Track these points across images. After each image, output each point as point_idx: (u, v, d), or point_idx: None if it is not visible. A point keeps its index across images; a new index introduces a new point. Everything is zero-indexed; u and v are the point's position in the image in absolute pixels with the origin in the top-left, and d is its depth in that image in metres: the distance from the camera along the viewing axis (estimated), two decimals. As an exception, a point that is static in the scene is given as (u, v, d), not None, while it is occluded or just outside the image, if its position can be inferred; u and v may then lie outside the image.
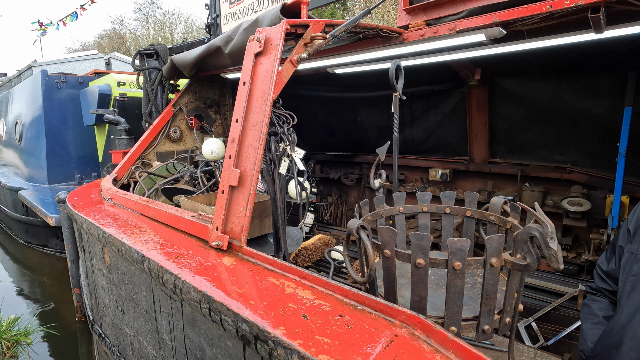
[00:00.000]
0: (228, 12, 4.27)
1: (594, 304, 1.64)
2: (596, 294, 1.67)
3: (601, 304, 1.62)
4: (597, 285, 1.65)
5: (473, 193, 1.86)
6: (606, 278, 1.61)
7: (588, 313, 1.64)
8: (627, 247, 1.49)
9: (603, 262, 1.64)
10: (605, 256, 1.64)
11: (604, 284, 1.62)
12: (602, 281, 1.63)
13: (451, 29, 2.16)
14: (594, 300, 1.66)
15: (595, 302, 1.64)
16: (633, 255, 1.44)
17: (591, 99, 3.21)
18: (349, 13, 16.86)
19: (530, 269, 1.19)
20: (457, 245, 1.22)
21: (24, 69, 9.26)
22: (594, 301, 1.66)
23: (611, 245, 1.62)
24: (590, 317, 1.61)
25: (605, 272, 1.61)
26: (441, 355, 0.97)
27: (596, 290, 1.67)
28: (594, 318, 1.60)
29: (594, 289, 1.69)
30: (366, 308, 1.17)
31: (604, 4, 1.73)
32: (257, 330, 1.11)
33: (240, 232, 1.67)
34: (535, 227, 1.15)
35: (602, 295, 1.64)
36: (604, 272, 1.61)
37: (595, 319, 1.59)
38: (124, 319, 2.24)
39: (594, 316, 1.60)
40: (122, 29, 27.95)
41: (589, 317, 1.62)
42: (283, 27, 1.79)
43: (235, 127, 1.81)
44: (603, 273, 1.62)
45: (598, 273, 1.66)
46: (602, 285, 1.62)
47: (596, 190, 3.44)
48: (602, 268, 1.63)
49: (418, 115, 4.45)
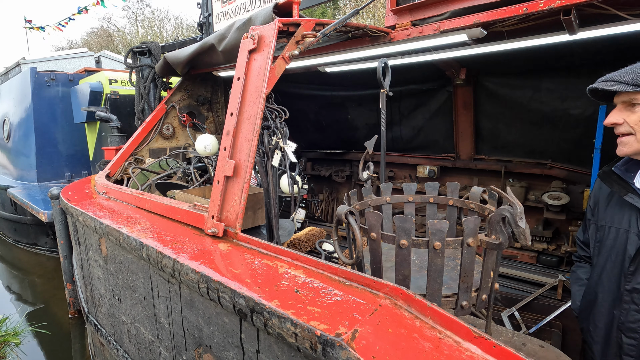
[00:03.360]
0: (220, 11, 4.34)
1: (578, 269, 1.93)
2: (579, 261, 1.95)
3: (584, 268, 1.90)
4: (579, 253, 1.94)
5: (455, 183, 1.98)
6: (583, 246, 1.89)
7: (575, 278, 1.93)
8: (591, 219, 1.77)
9: (580, 233, 1.93)
10: (582, 228, 1.94)
11: (583, 251, 1.90)
12: (581, 249, 1.92)
13: (435, 29, 2.28)
14: (579, 266, 1.95)
15: (580, 267, 1.93)
16: (595, 226, 1.74)
17: (569, 98, 3.37)
18: (340, 12, 17.02)
19: (502, 247, 1.30)
20: (437, 227, 1.33)
21: (12, 67, 9.17)
22: (578, 267, 1.94)
23: (585, 219, 1.91)
24: (577, 280, 1.91)
25: (582, 242, 1.91)
26: (420, 321, 1.07)
27: (579, 258, 1.95)
28: (579, 281, 1.89)
29: (577, 257, 1.97)
30: (353, 283, 1.27)
31: (574, 7, 1.86)
32: (253, 303, 1.21)
33: (235, 219, 1.76)
34: (506, 208, 1.26)
35: (584, 261, 1.92)
36: (581, 242, 1.91)
37: (581, 282, 1.88)
38: (121, 307, 2.30)
39: (579, 280, 1.90)
40: (110, 26, 27.67)
41: (576, 281, 1.92)
42: (276, 25, 1.88)
43: (230, 120, 1.90)
44: (581, 242, 1.91)
45: (578, 243, 1.95)
46: (582, 252, 1.91)
47: (575, 185, 3.60)
48: (579, 239, 1.93)
49: (406, 113, 4.58)
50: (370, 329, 1.04)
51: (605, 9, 1.88)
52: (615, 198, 1.66)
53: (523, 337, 2.09)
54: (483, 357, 0.95)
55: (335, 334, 1.00)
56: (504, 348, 0.94)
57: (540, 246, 3.70)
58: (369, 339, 1.00)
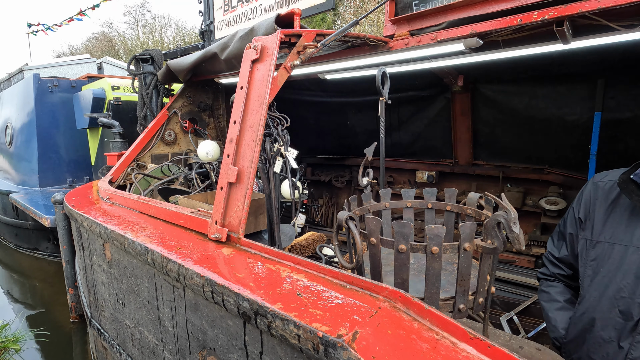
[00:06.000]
0: (222, 19, 4.42)
1: (551, 289, 1.71)
2: (550, 279, 1.74)
3: (557, 288, 1.69)
4: (551, 271, 1.72)
5: (452, 189, 2.03)
6: (559, 264, 1.69)
7: (549, 300, 1.70)
8: (580, 234, 1.56)
9: (553, 249, 1.72)
10: (553, 243, 1.73)
11: (558, 269, 1.70)
12: (555, 267, 1.71)
13: (433, 39, 2.35)
14: (550, 285, 1.73)
15: (552, 287, 1.71)
16: (588, 242, 1.51)
17: (564, 105, 3.44)
18: (340, 18, 17.16)
19: (497, 252, 1.35)
20: (434, 232, 1.37)
21: (15, 73, 9.25)
22: (550, 286, 1.72)
23: (559, 233, 1.71)
24: (553, 303, 1.67)
25: (557, 259, 1.69)
26: (418, 323, 1.12)
27: (550, 276, 1.74)
28: (555, 304, 1.66)
29: (548, 275, 1.75)
30: (354, 287, 1.32)
31: (567, 18, 1.92)
32: (257, 306, 1.25)
33: (238, 225, 1.80)
34: (501, 214, 1.31)
35: (557, 280, 1.71)
36: (556, 259, 1.69)
37: (558, 304, 1.65)
38: (125, 311, 2.34)
39: (555, 302, 1.67)
40: (111, 32, 27.87)
41: (551, 304, 1.68)
42: (278, 36, 1.94)
43: (233, 128, 1.95)
44: (555, 259, 1.70)
45: (550, 260, 1.73)
46: (556, 270, 1.70)
47: (571, 190, 3.66)
48: (554, 255, 1.71)
49: (405, 119, 4.65)
50: (370, 331, 1.08)
51: (597, 20, 1.94)
52: (619, 210, 1.44)
53: (520, 340, 2.13)
54: (478, 357, 0.99)
55: (337, 335, 1.05)
56: (498, 348, 0.98)
57: (538, 251, 3.74)
58: (369, 340, 1.04)
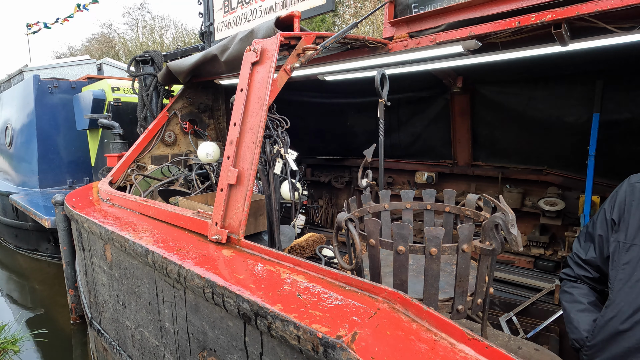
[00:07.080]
0: (222, 21, 4.43)
1: (574, 290, 1.66)
2: (575, 281, 1.69)
3: (582, 289, 1.64)
4: (576, 272, 1.68)
5: (451, 191, 2.04)
6: (585, 266, 1.64)
7: (572, 300, 1.65)
8: (612, 236, 1.50)
9: (579, 250, 1.68)
10: (579, 244, 1.69)
11: (583, 271, 1.65)
12: (580, 269, 1.66)
13: (432, 41, 2.36)
14: (574, 287, 1.68)
15: (576, 288, 1.66)
16: (621, 244, 1.45)
17: (563, 106, 3.45)
18: (340, 18, 17.18)
19: (495, 253, 1.36)
20: (433, 233, 1.39)
21: (15, 74, 9.27)
22: (574, 287, 1.67)
23: (587, 234, 1.66)
24: (576, 304, 1.62)
25: (584, 260, 1.64)
26: (417, 324, 1.13)
27: (575, 277, 1.69)
28: (579, 305, 1.61)
29: (572, 276, 1.70)
30: (353, 288, 1.33)
31: (565, 20, 1.94)
32: (257, 307, 1.26)
33: (238, 226, 1.81)
34: (499, 216, 1.32)
35: (581, 281, 1.66)
36: (583, 260, 1.64)
37: (581, 306, 1.60)
38: (125, 312, 2.35)
39: (578, 303, 1.61)
40: (111, 32, 27.89)
41: (574, 305, 1.63)
42: (277, 39, 1.95)
43: (234, 130, 1.96)
44: (582, 261, 1.65)
45: (576, 261, 1.69)
46: (582, 272, 1.65)
47: (570, 191, 3.67)
48: (580, 256, 1.66)
49: (405, 120, 4.66)
50: (369, 332, 1.09)
51: (595, 23, 1.95)
52: None
53: (519, 341, 2.13)
54: (476, 358, 1.00)
55: (336, 336, 1.06)
56: (495, 349, 0.99)
57: (537, 251, 3.75)
58: (368, 341, 1.06)
